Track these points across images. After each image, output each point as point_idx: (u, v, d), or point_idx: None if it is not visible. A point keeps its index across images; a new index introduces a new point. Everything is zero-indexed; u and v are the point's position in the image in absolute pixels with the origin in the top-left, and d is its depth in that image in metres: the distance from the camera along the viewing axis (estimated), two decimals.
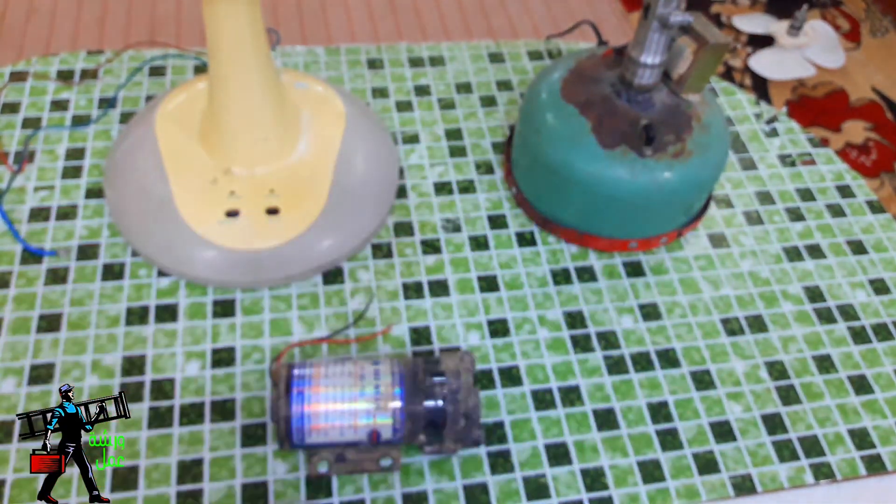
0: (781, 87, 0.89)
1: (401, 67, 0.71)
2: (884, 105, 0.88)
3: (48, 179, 0.59)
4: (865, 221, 0.64)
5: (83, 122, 0.63)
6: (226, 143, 0.54)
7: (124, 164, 0.56)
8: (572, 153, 0.53)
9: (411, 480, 0.46)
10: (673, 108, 0.53)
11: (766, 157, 0.68)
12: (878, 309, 0.58)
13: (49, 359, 0.49)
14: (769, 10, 0.98)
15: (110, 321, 0.51)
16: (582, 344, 0.53)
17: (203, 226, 0.52)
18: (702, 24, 0.49)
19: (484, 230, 0.59)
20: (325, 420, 0.43)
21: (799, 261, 0.60)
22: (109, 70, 0.68)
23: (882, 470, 0.49)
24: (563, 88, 0.55)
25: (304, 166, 0.55)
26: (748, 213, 0.63)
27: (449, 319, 0.53)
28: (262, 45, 0.50)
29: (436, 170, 0.63)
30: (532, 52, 0.75)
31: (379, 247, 0.57)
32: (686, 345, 0.54)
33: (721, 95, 0.73)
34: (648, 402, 0.51)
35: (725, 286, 0.58)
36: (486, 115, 0.68)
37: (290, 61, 0.71)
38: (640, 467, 0.48)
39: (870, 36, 0.98)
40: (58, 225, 0.56)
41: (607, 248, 0.58)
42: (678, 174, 0.52)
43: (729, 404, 0.51)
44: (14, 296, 0.52)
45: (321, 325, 0.52)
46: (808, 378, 0.53)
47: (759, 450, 0.49)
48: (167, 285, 0.53)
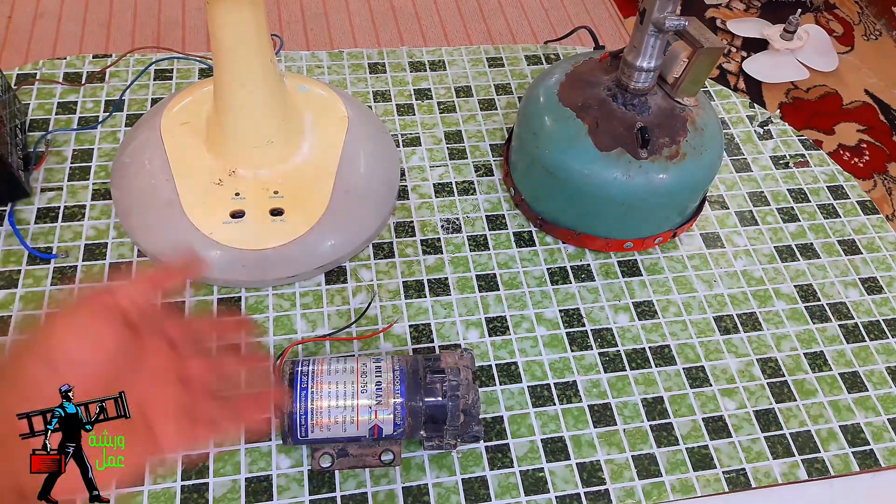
0: (775, 90, 0.90)
1: (402, 71, 0.72)
2: (876, 107, 0.89)
3: (56, 181, 0.60)
4: (858, 222, 0.65)
5: (90, 125, 0.64)
6: (230, 145, 0.54)
7: (131, 165, 0.57)
8: (569, 155, 0.54)
9: (412, 475, 0.47)
10: (668, 111, 0.54)
11: (760, 158, 0.69)
12: (871, 307, 0.59)
13: None
14: (763, 14, 0.99)
15: None
16: (579, 341, 0.54)
17: (208, 226, 0.52)
18: (696, 28, 0.50)
19: (483, 230, 0.60)
20: (328, 416, 0.43)
21: (792, 260, 0.61)
22: (116, 73, 0.69)
23: (875, 466, 0.50)
24: (561, 92, 0.56)
25: (307, 168, 0.56)
26: (742, 213, 0.64)
27: (449, 317, 0.54)
28: (266, 49, 0.51)
29: (436, 171, 0.64)
30: (530, 56, 0.76)
31: (380, 246, 0.58)
32: (681, 342, 0.55)
33: (715, 98, 0.74)
34: (644, 398, 0.52)
35: (719, 285, 0.59)
36: (485, 118, 0.69)
37: (293, 65, 0.72)
38: (635, 462, 0.49)
39: (863, 39, 0.99)
40: (65, 225, 0.57)
41: (604, 248, 0.59)
42: (673, 176, 0.53)
43: (723, 401, 0.52)
44: (22, 295, 0.53)
45: (324, 322, 0.53)
46: (801, 375, 0.54)
47: (752, 445, 0.50)
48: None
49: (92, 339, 0.30)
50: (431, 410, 0.44)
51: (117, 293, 0.31)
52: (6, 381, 0.29)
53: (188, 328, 0.35)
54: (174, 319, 0.34)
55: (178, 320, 0.35)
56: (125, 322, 0.31)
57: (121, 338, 0.31)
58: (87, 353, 0.30)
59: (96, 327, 0.30)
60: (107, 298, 0.31)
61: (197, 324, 0.36)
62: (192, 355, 0.34)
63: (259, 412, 0.35)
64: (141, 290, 0.32)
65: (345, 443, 0.45)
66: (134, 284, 0.32)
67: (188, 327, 0.35)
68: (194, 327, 0.35)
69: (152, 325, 0.33)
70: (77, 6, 0.81)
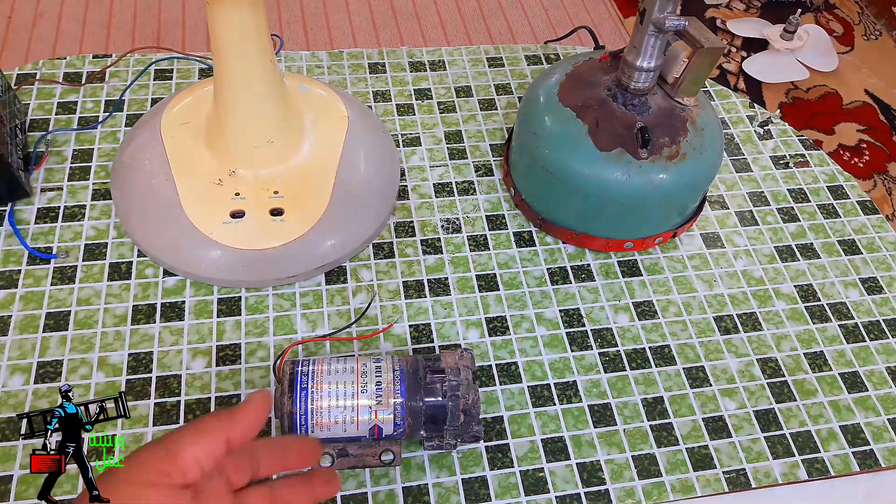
0: (775, 90, 0.90)
1: (402, 71, 0.72)
2: (876, 107, 0.89)
3: (56, 181, 0.60)
4: (858, 222, 0.65)
5: (90, 125, 0.64)
6: (230, 145, 0.54)
7: (131, 165, 0.57)
8: (569, 155, 0.54)
9: (412, 475, 0.47)
10: (668, 111, 0.54)
11: (760, 158, 0.69)
12: (871, 307, 0.59)
13: (56, 356, 0.50)
14: (763, 14, 0.99)
15: (117, 320, 0.52)
16: (579, 341, 0.54)
17: (208, 226, 0.53)
18: (696, 28, 0.50)
19: (483, 230, 0.60)
20: (328, 416, 0.43)
21: (792, 260, 0.61)
22: (116, 73, 0.69)
23: (875, 466, 0.50)
24: (561, 92, 0.56)
25: (307, 168, 0.56)
26: (742, 213, 0.64)
27: (449, 317, 0.54)
28: (266, 49, 0.51)
29: (436, 171, 0.64)
30: (530, 56, 0.76)
31: (380, 246, 0.58)
32: (681, 342, 0.55)
33: (715, 98, 0.74)
34: (644, 398, 0.52)
35: (719, 285, 0.59)
36: (485, 118, 0.69)
37: (293, 65, 0.72)
38: (635, 462, 0.49)
39: (863, 39, 0.99)
40: (65, 225, 0.57)
41: (604, 248, 0.59)
42: (673, 176, 0.53)
43: (723, 401, 0.52)
44: (22, 295, 0.53)
45: (324, 323, 0.53)
46: (801, 375, 0.54)
47: (752, 445, 0.50)
48: (173, 284, 0.54)
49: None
50: (431, 410, 0.44)
51: (181, 457, 0.26)
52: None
53: (243, 464, 0.30)
54: (230, 458, 0.29)
55: (235, 458, 0.29)
56: (189, 491, 0.27)
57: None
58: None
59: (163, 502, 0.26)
60: (173, 464, 0.26)
61: (255, 453, 0.30)
62: (249, 493, 0.29)
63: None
64: (206, 448, 0.27)
65: (345, 443, 0.45)
66: (197, 441, 0.27)
67: (243, 463, 0.30)
68: (251, 458, 0.30)
69: (208, 469, 0.28)
70: (77, 6, 0.81)
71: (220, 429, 0.27)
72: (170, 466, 0.26)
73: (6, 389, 0.48)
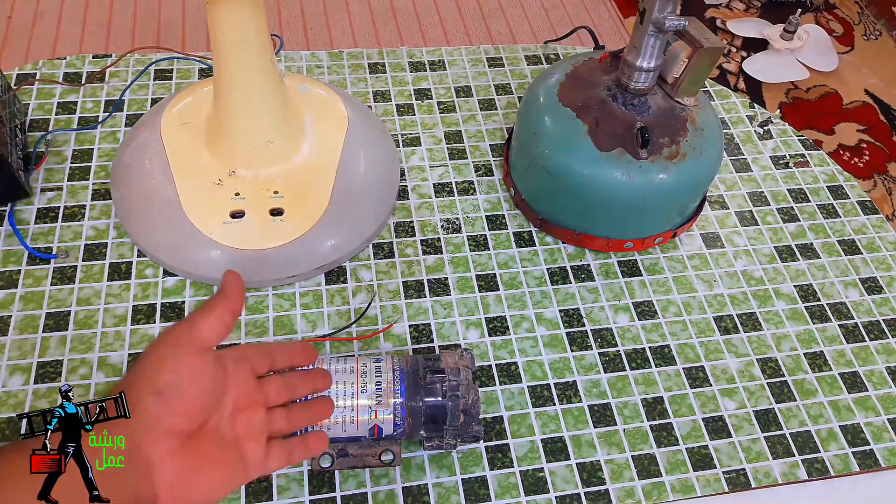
0: (775, 90, 0.90)
1: (402, 71, 0.72)
2: (876, 107, 0.89)
3: (55, 181, 0.60)
4: (858, 222, 0.65)
5: (90, 125, 0.64)
6: (230, 145, 0.54)
7: (131, 165, 0.57)
8: (569, 155, 0.54)
9: (412, 475, 0.47)
10: (668, 111, 0.54)
11: (760, 158, 0.69)
12: (871, 307, 0.59)
13: (56, 356, 0.50)
14: (763, 14, 0.99)
15: (117, 320, 0.52)
16: (579, 341, 0.54)
17: (208, 226, 0.53)
18: (696, 28, 0.50)
19: (483, 230, 0.60)
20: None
21: (792, 260, 0.61)
22: (115, 73, 0.69)
23: (875, 466, 0.50)
24: (561, 92, 0.56)
25: (307, 168, 0.56)
26: (742, 213, 0.64)
27: (449, 317, 0.54)
28: (266, 49, 0.51)
29: (436, 171, 0.64)
30: (530, 56, 0.76)
31: (380, 246, 0.58)
32: (681, 342, 0.55)
33: (715, 98, 0.74)
34: (644, 398, 0.52)
35: (719, 285, 0.59)
36: (485, 118, 0.69)
37: (293, 65, 0.72)
38: (635, 462, 0.49)
39: (863, 39, 0.99)
40: (65, 225, 0.57)
41: (604, 248, 0.59)
42: (673, 176, 0.53)
43: (723, 401, 0.52)
44: (22, 295, 0.53)
45: (324, 322, 0.53)
46: (801, 375, 0.54)
47: (752, 445, 0.50)
48: (173, 284, 0.54)
49: (189, 369, 0.33)
50: (431, 410, 0.44)
51: (198, 326, 0.34)
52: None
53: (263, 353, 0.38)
54: (251, 347, 0.38)
55: (255, 348, 0.38)
56: (211, 353, 0.34)
57: (211, 367, 0.34)
58: (186, 383, 0.33)
59: (191, 359, 0.33)
60: (193, 332, 0.34)
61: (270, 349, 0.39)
62: (270, 380, 0.38)
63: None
64: (216, 318, 0.35)
65: (345, 443, 0.45)
66: (208, 314, 0.34)
67: (263, 353, 0.38)
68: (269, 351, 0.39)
69: (233, 353, 0.36)
70: (77, 6, 0.81)
71: (220, 303, 0.35)
72: (189, 332, 0.34)
73: (6, 389, 0.48)
